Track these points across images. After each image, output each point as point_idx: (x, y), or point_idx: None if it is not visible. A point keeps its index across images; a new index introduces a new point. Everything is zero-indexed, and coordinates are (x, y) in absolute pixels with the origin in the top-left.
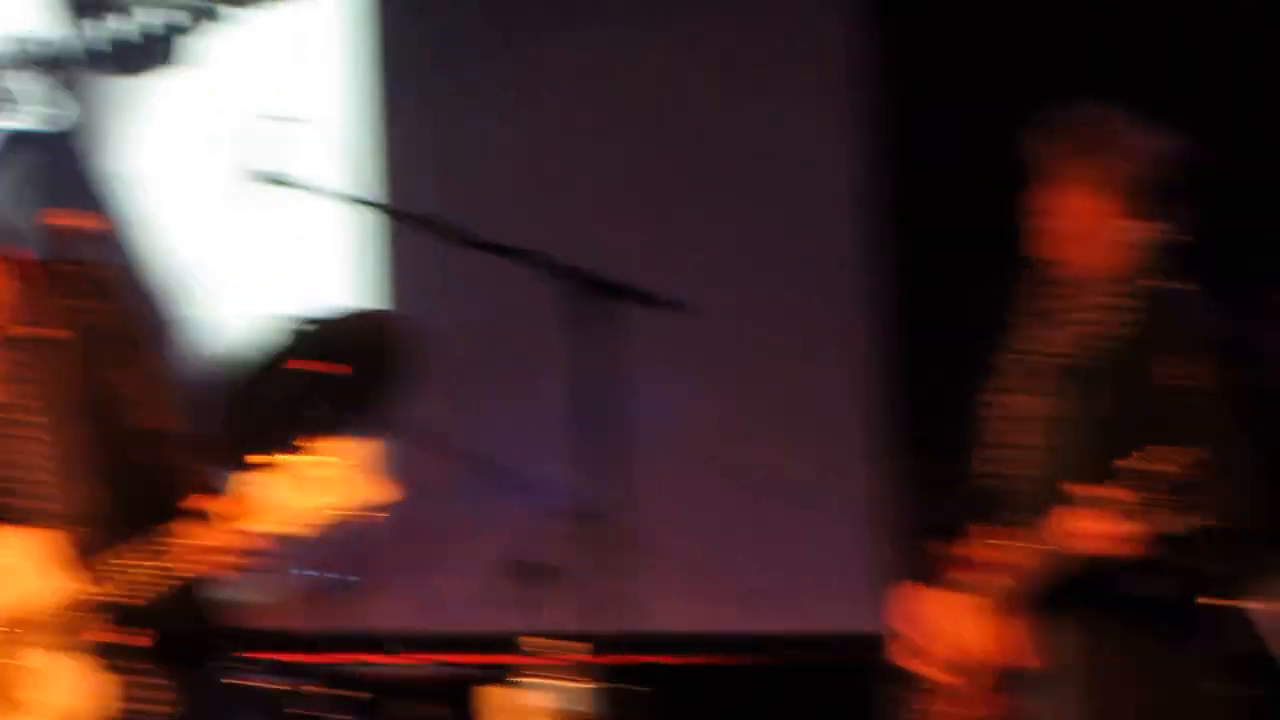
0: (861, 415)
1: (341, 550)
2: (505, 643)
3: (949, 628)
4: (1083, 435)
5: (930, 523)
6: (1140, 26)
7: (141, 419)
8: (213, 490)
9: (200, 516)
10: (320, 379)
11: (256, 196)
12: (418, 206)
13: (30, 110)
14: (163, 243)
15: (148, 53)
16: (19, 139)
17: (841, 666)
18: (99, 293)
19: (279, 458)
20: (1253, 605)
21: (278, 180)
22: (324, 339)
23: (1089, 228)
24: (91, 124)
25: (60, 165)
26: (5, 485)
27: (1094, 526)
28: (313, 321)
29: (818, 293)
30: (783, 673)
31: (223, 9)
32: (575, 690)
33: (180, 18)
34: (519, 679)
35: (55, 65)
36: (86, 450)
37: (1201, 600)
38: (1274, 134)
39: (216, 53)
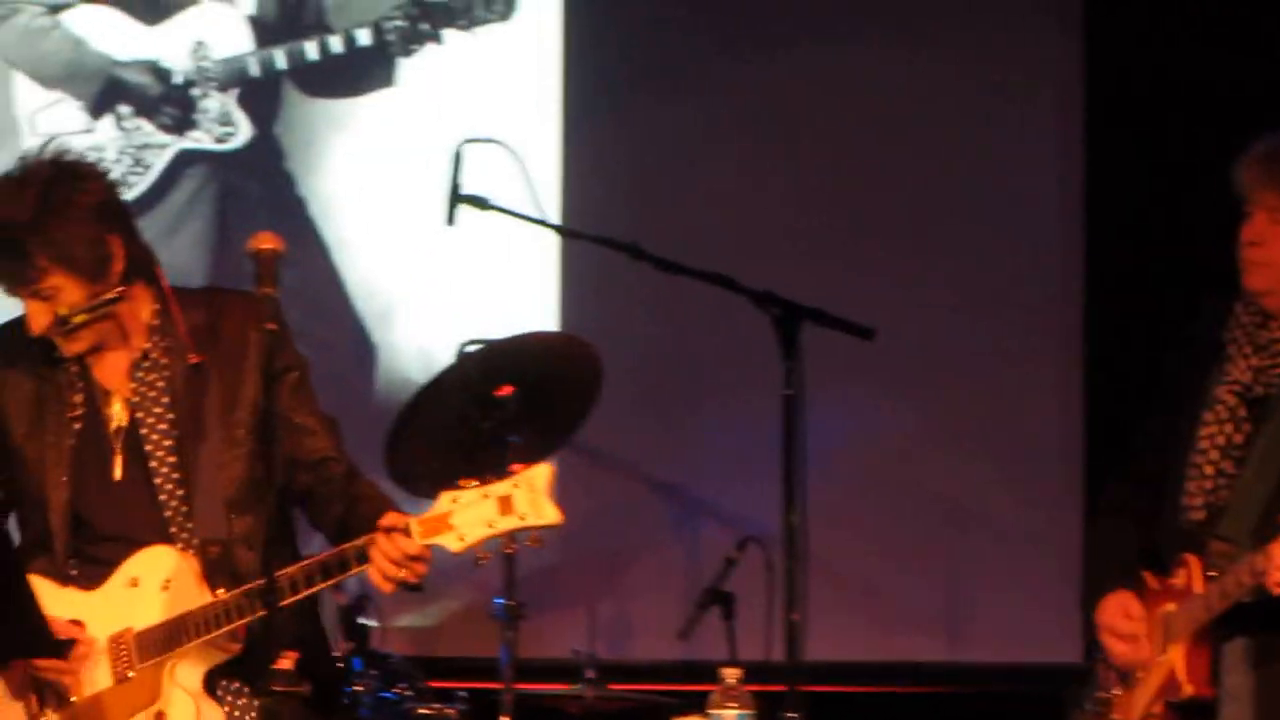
0: (1055, 442)
1: (524, 577)
2: (698, 670)
3: (1141, 653)
4: (1272, 469)
5: (1130, 551)
6: None
7: (304, 447)
8: (384, 511)
9: (389, 532)
10: (505, 402)
11: (457, 220)
12: (609, 231)
13: (211, 129)
14: (358, 265)
15: (355, 73)
16: (195, 158)
17: (1023, 696)
18: (274, 320)
19: (465, 480)
20: None
21: (478, 203)
22: (510, 362)
23: None
24: (282, 144)
25: (242, 185)
26: (160, 506)
27: None
28: (498, 345)
29: (1014, 318)
30: (971, 701)
31: (430, 29)
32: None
33: (386, 38)
34: (714, 708)
35: (245, 84)
36: (244, 478)
37: None
38: None
39: (418, 75)
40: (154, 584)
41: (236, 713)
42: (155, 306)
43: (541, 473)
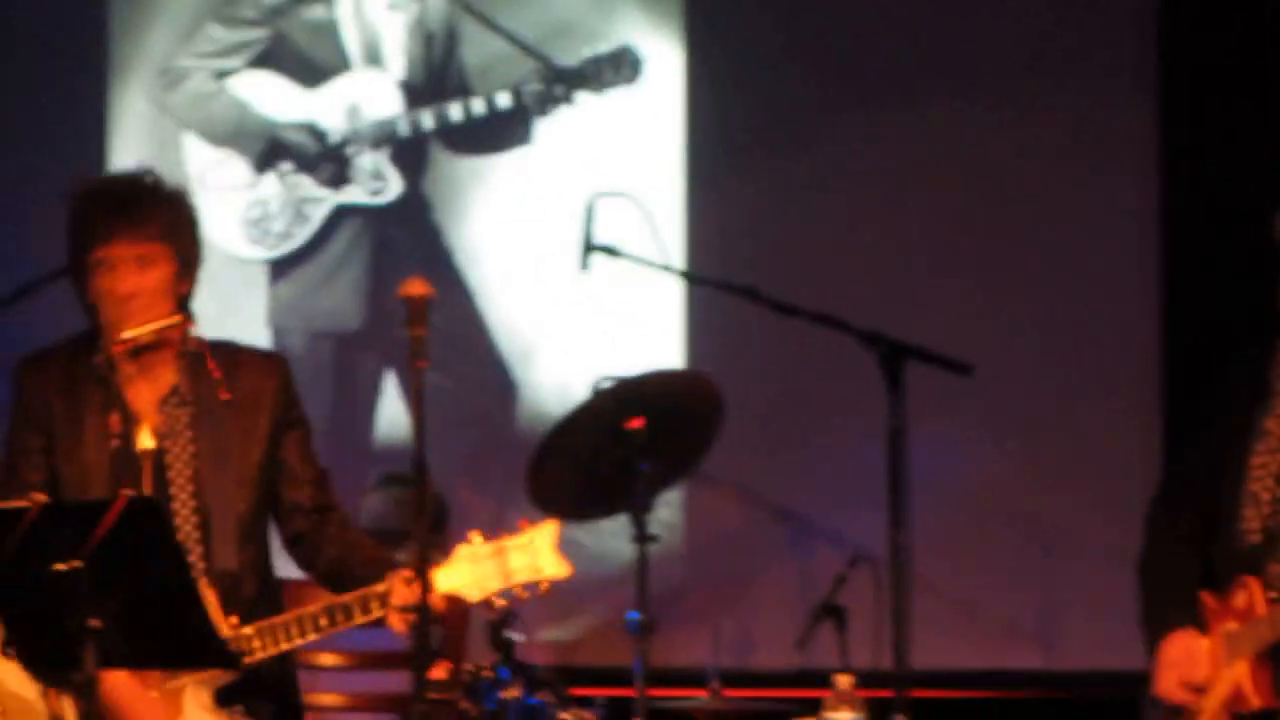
0: (1135, 467)
1: (656, 594)
2: (814, 678)
3: (1206, 671)
4: None
5: (1191, 576)
6: None
7: (305, 495)
8: (380, 558)
9: (392, 582)
10: (636, 434)
11: (590, 267)
12: (728, 276)
13: (365, 185)
14: (500, 308)
15: (495, 132)
16: (350, 211)
17: (1111, 700)
18: (283, 376)
19: (476, 537)
20: None
21: (609, 252)
22: (640, 397)
23: None
24: (430, 198)
25: (393, 236)
26: (177, 531)
27: None
28: (629, 381)
29: (1098, 356)
30: (1064, 706)
31: (564, 92)
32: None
33: (524, 101)
34: (828, 712)
35: (395, 143)
36: (251, 513)
37: None
38: None
39: (554, 134)
40: None
41: None
42: (184, 347)
43: (549, 529)
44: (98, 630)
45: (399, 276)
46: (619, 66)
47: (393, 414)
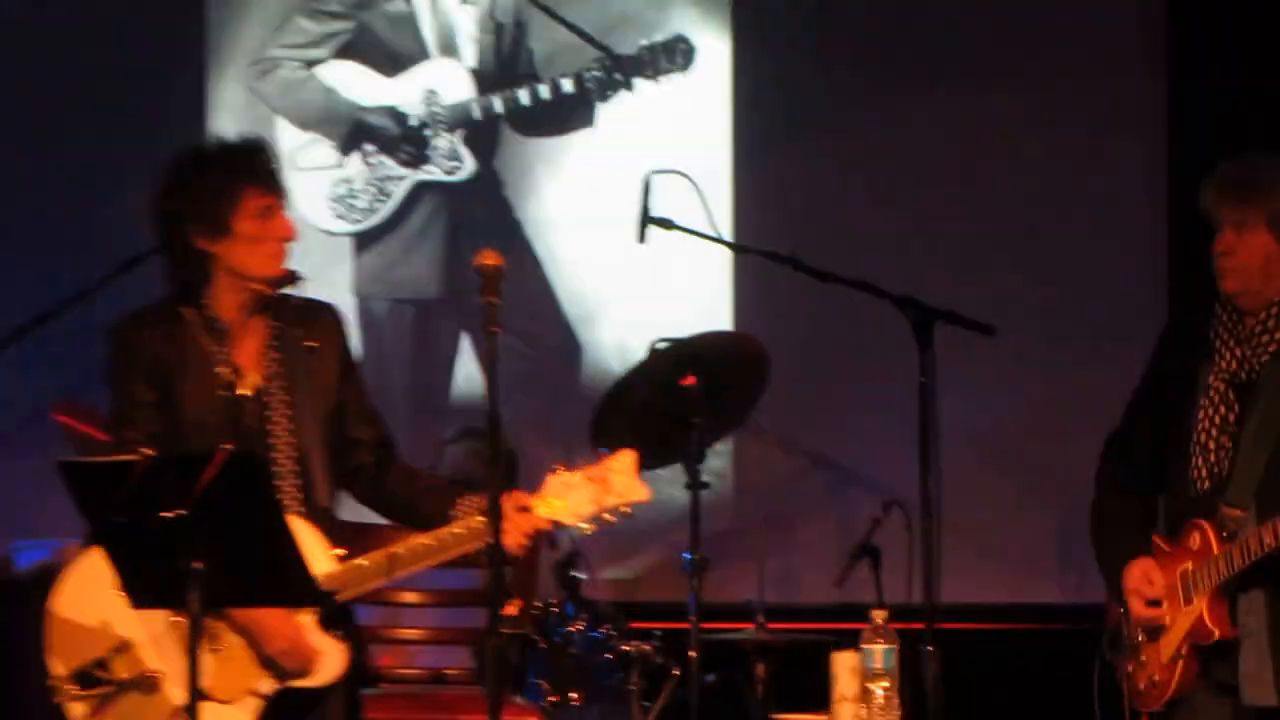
0: None
1: (708, 535)
2: (851, 612)
3: (1162, 586)
4: (1267, 442)
5: (1143, 522)
6: None
7: (367, 430)
8: (451, 492)
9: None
10: (689, 390)
11: (647, 238)
12: (773, 246)
13: (442, 164)
14: (566, 277)
15: (560, 116)
16: (428, 188)
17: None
18: (342, 323)
19: (562, 468)
20: None
21: (664, 224)
22: (692, 357)
23: (1263, 262)
24: (501, 175)
25: (468, 211)
26: (280, 472)
27: None
28: (683, 343)
29: (1108, 314)
30: (1081, 636)
31: (623, 78)
32: (885, 651)
33: (587, 86)
34: (865, 643)
35: (469, 125)
36: (330, 452)
37: None
38: None
39: (614, 116)
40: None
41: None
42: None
43: (629, 458)
44: (201, 572)
45: (473, 248)
46: (673, 55)
47: (468, 374)
